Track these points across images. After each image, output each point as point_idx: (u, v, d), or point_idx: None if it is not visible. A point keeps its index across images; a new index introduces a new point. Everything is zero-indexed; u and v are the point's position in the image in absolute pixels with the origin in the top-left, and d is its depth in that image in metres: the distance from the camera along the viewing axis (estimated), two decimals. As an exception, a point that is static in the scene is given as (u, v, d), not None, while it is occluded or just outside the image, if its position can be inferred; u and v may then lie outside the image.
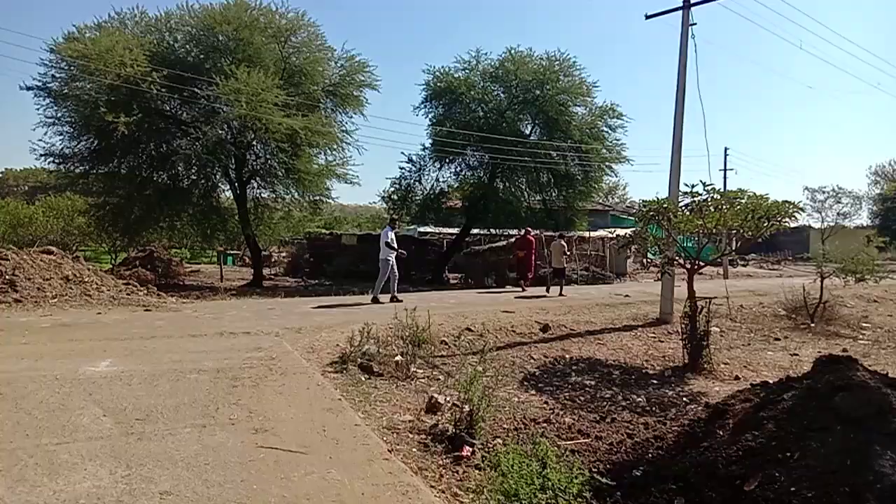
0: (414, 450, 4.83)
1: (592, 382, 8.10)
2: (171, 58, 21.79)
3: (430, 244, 30.94)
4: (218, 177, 23.87)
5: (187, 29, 22.91)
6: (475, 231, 29.65)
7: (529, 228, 20.82)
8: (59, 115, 21.87)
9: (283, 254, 35.11)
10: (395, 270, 14.00)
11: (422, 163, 28.84)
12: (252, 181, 24.74)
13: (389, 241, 14.00)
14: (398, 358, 7.77)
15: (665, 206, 9.64)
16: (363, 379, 6.89)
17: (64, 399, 5.24)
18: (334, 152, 24.75)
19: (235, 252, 36.43)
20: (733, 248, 12.45)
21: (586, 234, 29.81)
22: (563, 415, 6.41)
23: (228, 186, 24.70)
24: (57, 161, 22.55)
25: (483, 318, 11.26)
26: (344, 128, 25.34)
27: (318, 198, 25.90)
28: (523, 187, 28.54)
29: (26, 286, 11.98)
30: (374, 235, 33.02)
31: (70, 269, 13.30)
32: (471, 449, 4.90)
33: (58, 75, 21.41)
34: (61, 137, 22.08)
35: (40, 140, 22.46)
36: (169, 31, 23.09)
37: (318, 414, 5.24)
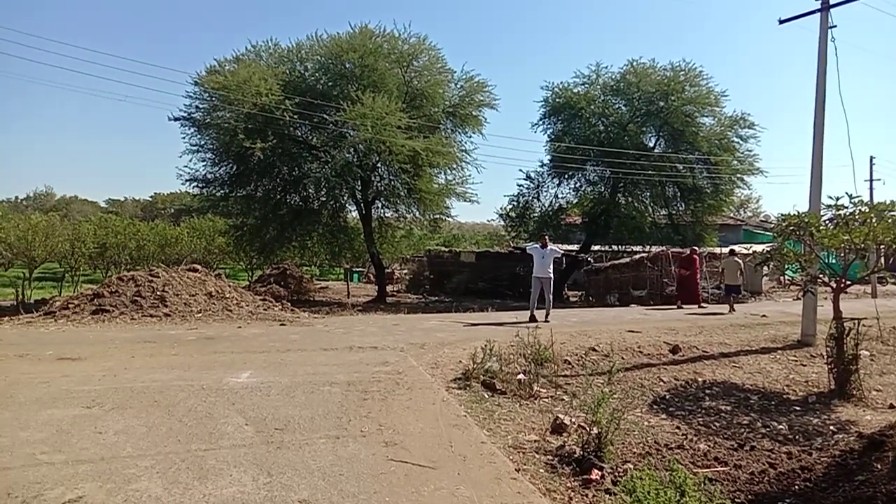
0: (541, 470, 4.78)
1: (728, 408, 7.67)
2: (302, 86, 23.14)
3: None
4: (345, 198, 24.96)
5: (317, 58, 24.27)
6: (596, 247, 29.07)
7: (695, 248, 20.20)
8: (203, 142, 23.87)
9: (405, 271, 36.03)
10: (550, 290, 13.67)
11: (540, 179, 28.80)
12: (376, 201, 25.67)
13: (537, 259, 13.72)
14: (521, 376, 7.73)
15: (806, 220, 9.00)
16: (486, 396, 6.91)
17: (210, 408, 5.64)
18: (454, 171, 25.26)
19: (361, 269, 37.81)
20: (884, 265, 11.40)
21: (717, 249, 28.44)
22: (697, 441, 6.11)
23: (355, 207, 25.80)
24: (200, 185, 24.56)
25: (607, 337, 10.99)
26: (463, 147, 25.79)
27: (437, 216, 26.43)
28: (647, 202, 27.75)
29: (174, 301, 13.02)
30: (493, 253, 33.31)
31: (213, 285, 14.33)
32: (600, 472, 4.78)
33: (201, 106, 23.40)
34: (204, 163, 24.09)
35: (186, 166, 24.54)
36: (300, 60, 24.57)
37: (444, 429, 5.31)
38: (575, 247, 29.32)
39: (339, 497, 3.80)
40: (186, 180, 24.42)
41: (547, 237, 14.71)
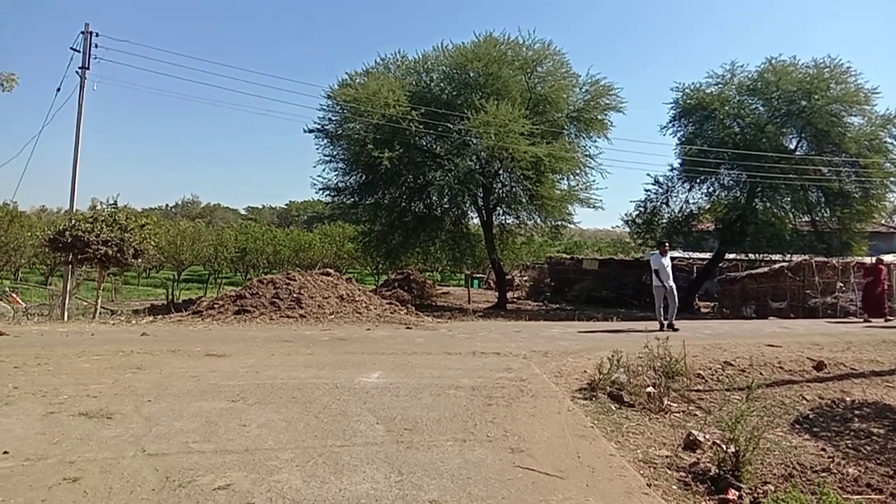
0: (674, 487, 4.59)
1: (882, 431, 6.99)
2: (428, 96, 23.71)
3: (678, 269, 29.35)
4: (467, 205, 25.28)
5: (442, 68, 24.79)
6: (730, 256, 27.54)
7: (882, 257, 18.87)
8: (335, 153, 25.11)
9: (525, 278, 35.87)
10: (674, 298, 13.50)
11: (669, 184, 27.70)
12: (498, 208, 25.79)
13: (658, 268, 13.63)
14: (650, 389, 7.46)
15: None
16: (613, 408, 6.72)
17: (343, 406, 5.87)
18: (577, 177, 24.92)
19: (481, 275, 38.07)
20: None
21: (866, 259, 26.09)
22: (845, 465, 5.62)
23: (476, 213, 26.03)
24: (332, 194, 25.82)
25: (744, 351, 10.35)
26: (587, 152, 25.36)
27: (559, 223, 26.11)
28: (787, 207, 25.92)
29: (309, 303, 13.72)
30: (617, 260, 32.40)
31: (344, 289, 14.96)
32: (737, 493, 4.52)
33: (333, 118, 24.63)
34: (336, 173, 25.34)
35: (319, 176, 26.02)
36: (426, 71, 25.19)
37: (571, 439, 5.23)
38: (707, 255, 27.96)
39: (468, 500, 3.84)
40: (319, 189, 25.80)
41: (667, 245, 14.30)
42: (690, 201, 27.50)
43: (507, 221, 26.99)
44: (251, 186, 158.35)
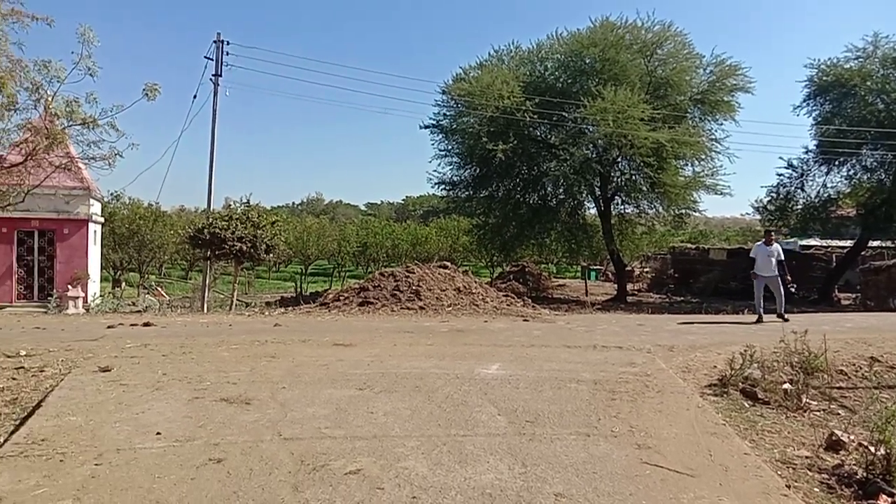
0: (815, 489, 4.29)
1: None
2: (542, 85, 23.45)
3: (815, 259, 27.37)
4: (584, 195, 24.81)
5: (556, 56, 24.43)
6: (874, 243, 25.29)
7: None
8: (449, 147, 25.40)
9: (646, 269, 34.69)
10: (778, 288, 12.75)
11: (804, 167, 25.81)
12: (616, 197, 25.11)
13: (755, 257, 13.03)
14: (786, 386, 6.99)
15: None
16: (746, 405, 6.38)
17: (465, 396, 5.94)
18: (702, 163, 23.74)
19: (598, 267, 37.25)
20: None
21: None
22: None
23: (593, 203, 25.49)
24: (447, 188, 26.19)
25: (893, 346, 9.49)
26: (713, 136, 24.12)
27: (683, 211, 24.99)
28: (943, 190, 23.37)
29: (428, 296, 14.00)
30: (747, 250, 30.50)
31: (461, 281, 15.14)
32: (889, 499, 4.16)
33: (448, 113, 24.93)
34: (450, 167, 25.65)
35: (434, 170, 26.40)
36: (540, 60, 24.93)
37: (701, 437, 5.01)
38: (848, 243, 25.80)
39: (595, 495, 3.78)
40: (435, 183, 26.25)
41: (772, 234, 13.45)
42: (828, 185, 25.50)
43: (627, 211, 26.20)
44: (370, 183, 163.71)
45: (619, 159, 23.67)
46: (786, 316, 12.64)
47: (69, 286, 20.21)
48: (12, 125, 10.06)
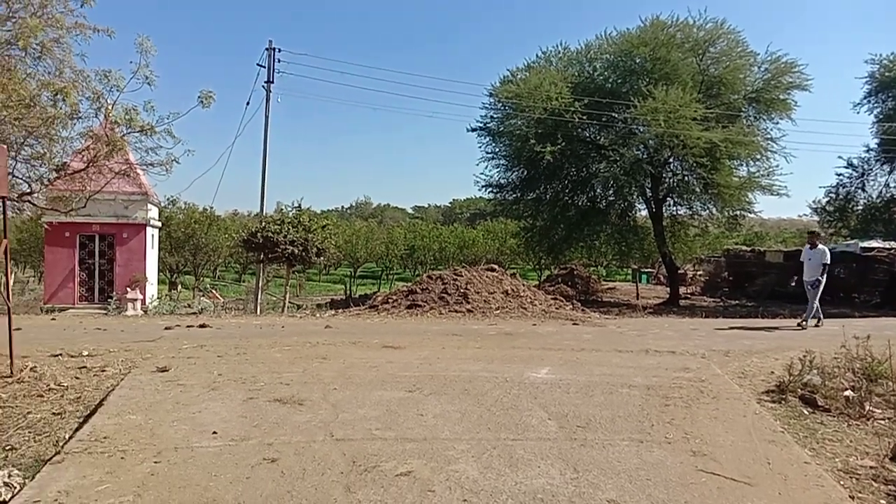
0: (882, 501, 4.12)
1: None
2: (591, 86, 23.19)
3: (877, 261, 26.22)
4: (634, 196, 24.41)
5: (605, 57, 24.14)
6: (944, 246, 24.14)
7: None
8: (496, 150, 25.37)
9: (700, 272, 33.88)
10: (813, 296, 12.29)
11: (865, 166, 24.94)
12: (668, 198, 24.64)
13: (803, 261, 12.60)
14: (848, 393, 6.73)
15: None
16: (805, 412, 6.16)
17: (514, 400, 5.91)
18: (757, 163, 23.05)
19: (649, 270, 36.60)
20: None
21: None
22: None
23: (644, 205, 25.05)
24: (494, 190, 26.16)
25: (966, 353, 9.04)
26: (768, 135, 23.43)
27: (737, 212, 24.31)
28: None
29: (475, 298, 13.98)
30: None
31: (509, 284, 15.08)
32: (963, 515, 3.96)
33: (495, 116, 24.87)
34: (497, 169, 25.61)
35: (482, 173, 26.44)
36: (588, 61, 24.67)
37: (759, 444, 4.87)
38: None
39: (648, 502, 3.71)
40: (482, 186, 26.25)
41: (816, 236, 12.88)
42: (891, 185, 24.55)
43: (679, 212, 25.62)
44: (417, 186, 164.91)
45: (671, 160, 23.21)
46: (806, 325, 12.13)
47: (128, 289, 20.95)
48: (75, 133, 10.47)
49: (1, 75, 8.56)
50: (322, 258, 20.88)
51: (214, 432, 4.81)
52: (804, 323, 12.14)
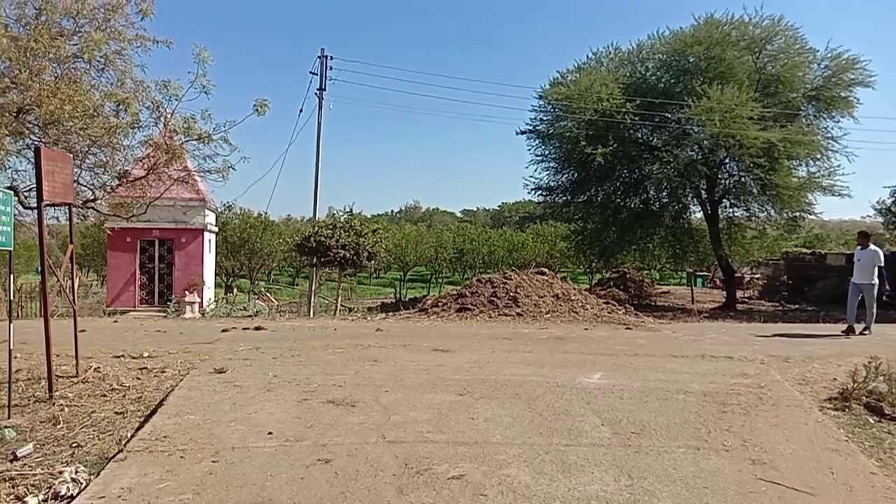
0: (954, 517, 3.93)
1: None
2: (643, 86, 22.81)
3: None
4: (689, 198, 23.89)
5: (658, 56, 23.72)
6: None
7: None
8: (546, 152, 25.18)
9: (757, 275, 32.88)
10: (871, 300, 11.55)
11: (934, 165, 23.68)
12: (724, 200, 24.02)
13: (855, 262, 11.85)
14: (919, 402, 6.45)
15: None
16: (871, 421, 5.92)
17: (566, 405, 5.86)
18: (817, 163, 22.23)
19: (705, 273, 35.70)
20: None
21: None
22: None
23: (699, 207, 24.50)
24: (544, 193, 25.95)
25: None
26: (829, 134, 22.59)
27: (797, 214, 23.48)
28: None
29: (525, 302, 13.90)
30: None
31: (559, 288, 14.94)
32: None
33: (544, 118, 24.71)
34: (547, 172, 25.42)
35: (531, 176, 26.22)
36: (640, 61, 24.28)
37: (821, 453, 4.70)
38: None
39: (705, 511, 3.63)
40: (532, 189, 26.08)
41: (867, 237, 12.03)
42: (963, 184, 23.34)
43: (735, 214, 24.89)
44: (466, 190, 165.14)
45: (727, 160, 22.61)
46: (868, 331, 11.43)
47: (186, 292, 21.59)
48: (136, 142, 10.89)
49: (67, 87, 8.95)
50: (373, 262, 21.10)
51: (270, 433, 4.92)
52: (867, 330, 11.58)
